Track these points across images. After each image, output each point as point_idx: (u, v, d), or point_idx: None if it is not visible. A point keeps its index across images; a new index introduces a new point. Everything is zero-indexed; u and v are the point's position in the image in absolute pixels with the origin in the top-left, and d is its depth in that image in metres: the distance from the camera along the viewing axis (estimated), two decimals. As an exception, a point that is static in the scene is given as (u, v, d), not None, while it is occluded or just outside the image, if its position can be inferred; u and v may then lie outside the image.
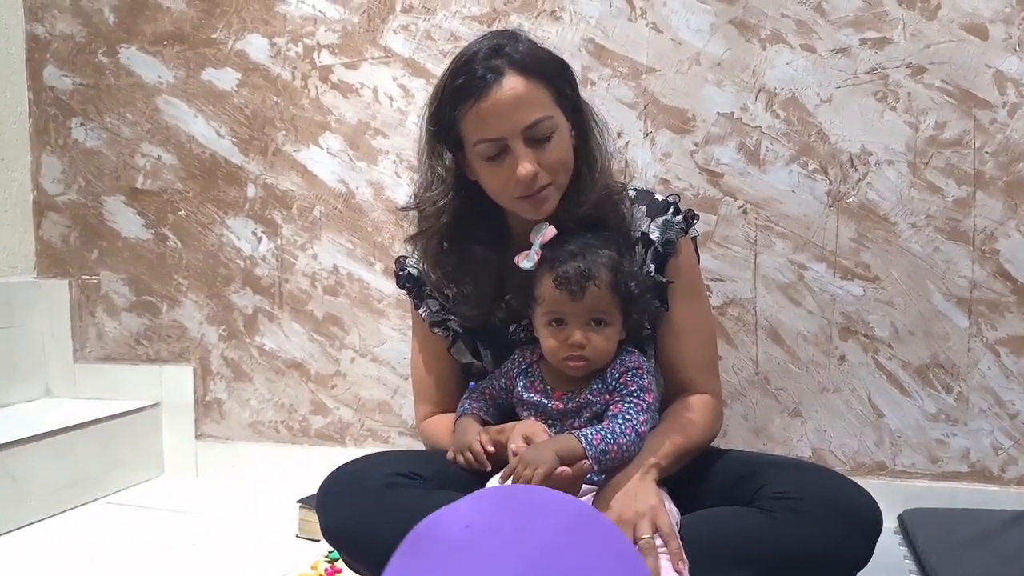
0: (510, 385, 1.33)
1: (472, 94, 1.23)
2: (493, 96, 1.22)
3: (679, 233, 1.36)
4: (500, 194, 1.30)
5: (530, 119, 1.23)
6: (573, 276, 1.21)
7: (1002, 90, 1.78)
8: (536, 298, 1.26)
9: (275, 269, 2.23)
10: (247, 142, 2.22)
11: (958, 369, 1.84)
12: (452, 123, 1.27)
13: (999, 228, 1.80)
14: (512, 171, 1.24)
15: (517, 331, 1.40)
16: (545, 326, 1.26)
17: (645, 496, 1.18)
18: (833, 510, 1.17)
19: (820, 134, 1.86)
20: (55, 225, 2.41)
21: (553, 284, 1.23)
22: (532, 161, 1.24)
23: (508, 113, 1.23)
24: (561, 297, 1.22)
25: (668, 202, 1.38)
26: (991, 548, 1.57)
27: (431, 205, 1.32)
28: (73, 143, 2.37)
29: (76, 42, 2.35)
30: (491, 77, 1.22)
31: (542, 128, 1.24)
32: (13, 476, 1.92)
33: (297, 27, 2.16)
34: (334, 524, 1.26)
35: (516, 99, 1.23)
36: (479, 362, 1.45)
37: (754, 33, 1.88)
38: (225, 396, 2.30)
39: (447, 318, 1.43)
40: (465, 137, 1.27)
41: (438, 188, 1.31)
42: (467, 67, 1.25)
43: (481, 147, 1.25)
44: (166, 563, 1.71)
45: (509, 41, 1.27)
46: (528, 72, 1.24)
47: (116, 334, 2.38)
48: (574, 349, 1.23)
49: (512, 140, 1.23)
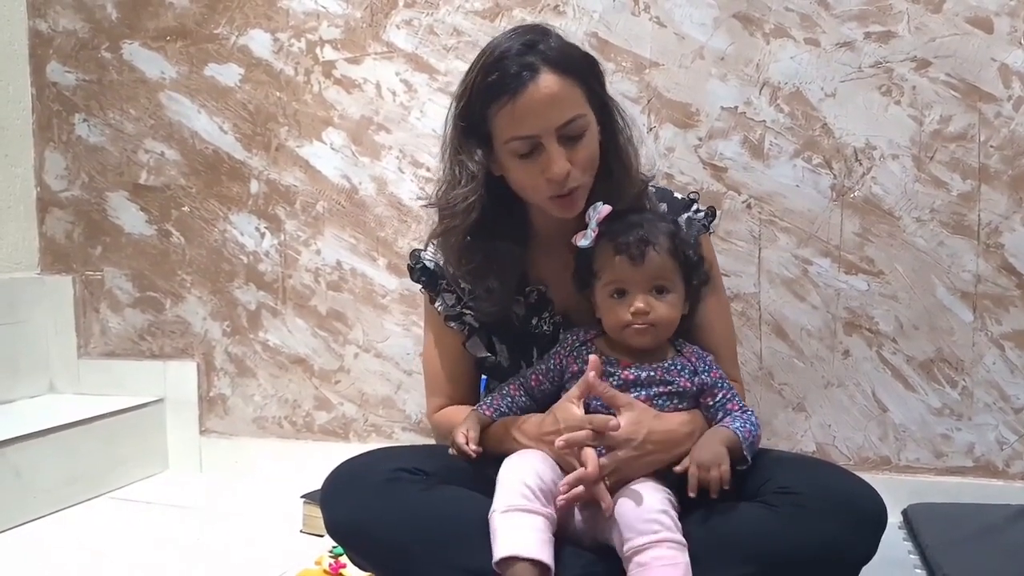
0: (561, 366, 1.31)
1: (506, 91, 1.21)
2: (528, 94, 1.21)
3: (701, 229, 1.38)
4: (531, 192, 1.30)
5: (565, 117, 1.23)
6: (633, 241, 1.22)
7: (1007, 84, 1.77)
8: (596, 273, 1.26)
9: (278, 265, 2.23)
10: (250, 138, 2.22)
11: (963, 363, 1.83)
12: (482, 119, 1.26)
13: (1004, 222, 1.80)
14: (543, 169, 1.24)
15: (539, 324, 1.39)
16: (607, 298, 1.26)
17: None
18: (838, 505, 1.17)
19: (824, 128, 1.86)
20: (59, 221, 2.41)
21: (613, 251, 1.23)
22: (565, 160, 1.23)
23: (543, 111, 1.22)
24: (622, 264, 1.23)
25: (689, 199, 1.41)
26: (996, 543, 1.57)
27: (462, 201, 1.29)
28: (76, 139, 2.37)
29: (79, 38, 2.35)
30: (527, 75, 1.21)
31: (576, 127, 1.24)
32: (17, 472, 1.92)
33: (300, 22, 2.16)
34: (338, 520, 1.26)
35: (551, 98, 1.22)
36: (493, 356, 1.44)
37: (758, 27, 1.87)
38: (229, 392, 2.30)
39: (463, 312, 1.42)
40: (496, 134, 1.26)
41: (468, 185, 1.29)
42: (500, 64, 1.23)
43: (514, 144, 1.24)
44: (170, 558, 1.71)
45: (542, 38, 1.26)
46: (562, 70, 1.23)
47: (120, 330, 2.38)
48: (638, 316, 1.23)
49: (546, 138, 1.23)
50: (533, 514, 1.14)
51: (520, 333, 1.40)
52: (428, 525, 1.19)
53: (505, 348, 1.42)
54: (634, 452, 1.18)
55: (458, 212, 1.30)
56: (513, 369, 1.41)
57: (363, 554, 1.27)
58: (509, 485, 1.17)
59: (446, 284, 1.42)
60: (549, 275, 1.40)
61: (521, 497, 1.14)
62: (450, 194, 1.31)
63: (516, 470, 1.19)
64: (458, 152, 1.30)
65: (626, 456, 1.18)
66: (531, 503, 1.14)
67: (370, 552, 1.25)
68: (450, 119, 1.31)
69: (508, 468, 1.20)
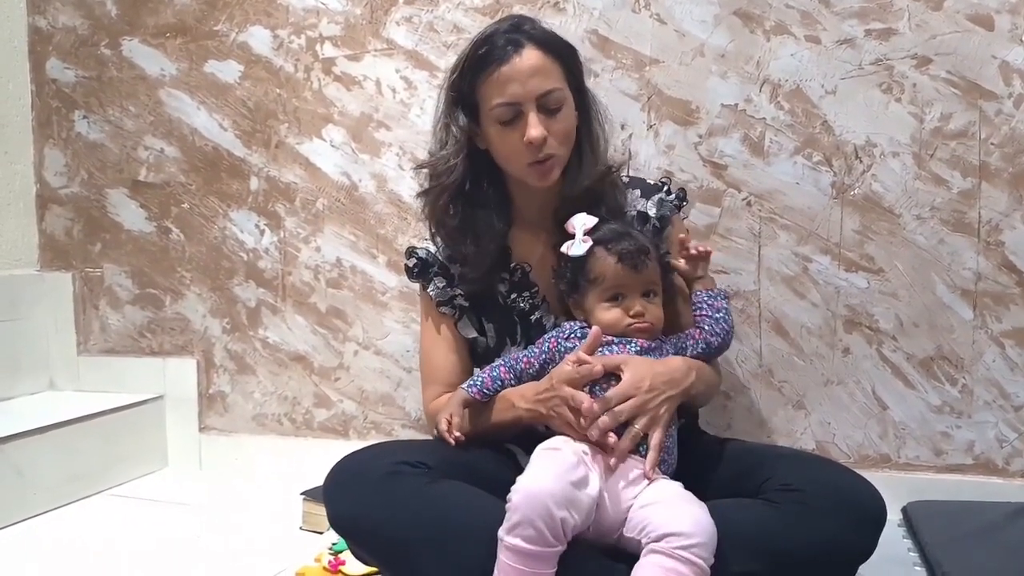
0: (555, 349, 1.38)
1: (493, 61, 1.37)
2: (513, 63, 1.36)
3: (673, 210, 1.55)
4: (510, 159, 1.42)
5: (544, 87, 1.37)
6: (634, 251, 1.35)
7: (1008, 81, 1.77)
8: (592, 279, 1.36)
9: (278, 262, 2.23)
10: (250, 135, 2.22)
11: (963, 361, 1.83)
12: (471, 90, 1.41)
13: (1004, 220, 1.79)
14: (522, 135, 1.36)
15: (518, 300, 1.49)
16: (600, 302, 1.36)
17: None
18: (838, 503, 1.17)
19: (824, 126, 1.86)
20: (58, 218, 2.41)
21: (615, 260, 1.34)
22: (542, 127, 1.36)
23: (526, 80, 1.36)
24: (623, 272, 1.34)
25: (661, 182, 1.56)
26: (995, 540, 1.57)
27: (444, 163, 1.45)
28: (76, 136, 2.37)
29: (78, 34, 2.35)
30: (511, 48, 1.37)
31: (554, 98, 1.38)
32: (17, 469, 1.92)
33: (300, 19, 2.16)
34: (340, 513, 1.27)
35: (533, 68, 1.36)
36: (483, 337, 1.52)
37: (758, 24, 1.87)
38: (229, 389, 2.30)
39: (454, 295, 1.52)
40: (482, 102, 1.40)
41: (452, 148, 1.44)
42: (489, 39, 1.39)
43: (497, 111, 1.38)
44: (170, 555, 1.71)
45: (528, 21, 1.43)
46: (545, 47, 1.39)
47: (120, 327, 2.38)
48: (638, 317, 1.34)
49: (526, 106, 1.36)
50: (537, 558, 1.12)
51: (504, 310, 1.50)
52: (429, 519, 1.20)
53: (493, 327, 1.51)
54: (647, 395, 1.24)
55: (441, 172, 1.45)
56: (499, 349, 1.49)
57: (365, 547, 1.28)
58: (526, 510, 1.12)
59: (437, 268, 1.53)
60: (532, 256, 1.51)
61: (533, 532, 1.11)
62: (436, 155, 1.47)
63: (540, 495, 1.13)
64: (446, 118, 1.46)
65: (641, 401, 1.23)
66: (539, 546, 1.11)
67: (372, 545, 1.26)
68: (442, 92, 1.48)
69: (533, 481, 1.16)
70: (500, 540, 1.13)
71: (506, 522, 1.13)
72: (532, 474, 1.17)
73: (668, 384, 1.27)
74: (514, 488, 1.14)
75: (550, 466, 1.17)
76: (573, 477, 1.15)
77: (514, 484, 1.15)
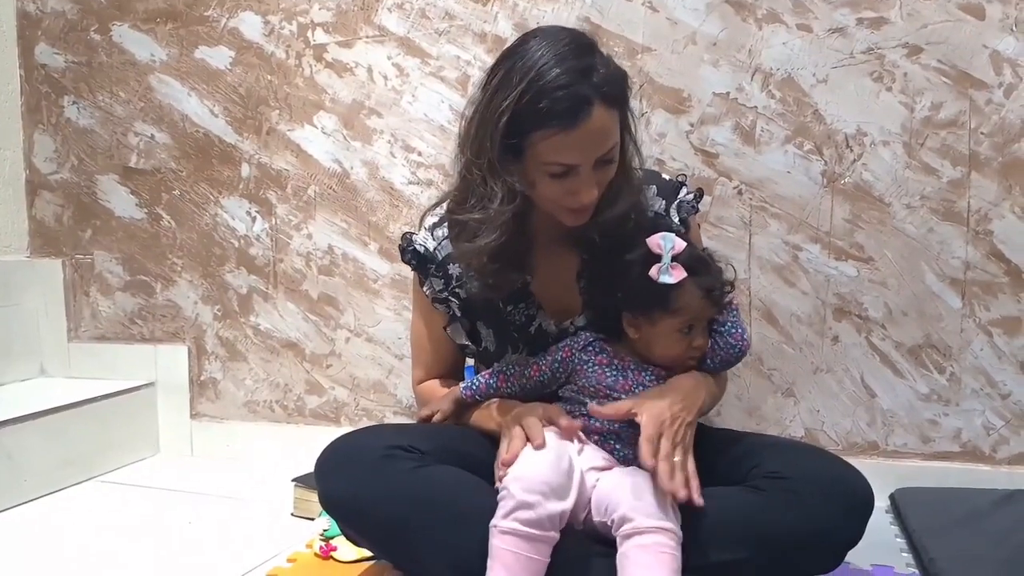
0: (569, 359, 1.34)
1: (559, 123, 1.18)
2: (581, 129, 1.19)
3: (692, 211, 1.44)
4: (549, 203, 1.29)
5: (606, 148, 1.23)
6: (720, 287, 1.29)
7: (998, 70, 1.78)
8: (674, 310, 1.26)
9: (269, 249, 2.23)
10: (241, 121, 2.21)
11: (951, 350, 1.84)
12: (520, 137, 1.22)
13: (993, 209, 1.80)
14: (573, 192, 1.24)
15: (513, 312, 1.42)
16: (673, 332, 1.28)
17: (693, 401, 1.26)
18: (825, 490, 1.18)
19: (816, 115, 1.86)
20: (48, 204, 2.40)
21: (701, 295, 1.27)
22: (595, 186, 1.25)
23: (591, 146, 1.22)
24: (705, 307, 1.28)
25: (678, 182, 1.44)
26: (982, 527, 1.59)
27: (499, 217, 1.27)
28: (65, 122, 2.36)
29: (68, 19, 2.33)
30: (581, 112, 1.18)
31: (612, 154, 1.26)
32: (8, 455, 1.92)
33: (291, 5, 2.15)
34: (332, 494, 1.27)
35: (602, 132, 1.22)
36: (474, 345, 1.47)
37: (750, 13, 1.87)
38: (220, 376, 2.30)
39: (449, 299, 1.45)
40: (534, 154, 1.23)
41: (502, 206, 1.26)
42: (553, 94, 1.18)
43: (553, 168, 1.23)
44: (161, 542, 1.71)
45: (593, 62, 1.23)
46: (611, 102, 1.23)
47: (110, 313, 2.37)
48: (698, 352, 1.30)
49: (584, 166, 1.23)
50: (534, 542, 1.12)
51: (501, 320, 1.43)
52: (422, 502, 1.20)
53: (491, 333, 1.45)
54: (672, 428, 1.19)
55: (496, 227, 1.28)
56: (499, 355, 1.44)
57: (357, 529, 1.29)
58: (523, 495, 1.14)
59: (435, 269, 1.44)
60: (538, 265, 1.41)
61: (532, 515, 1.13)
62: (492, 209, 1.27)
63: (534, 480, 1.15)
64: (497, 168, 1.25)
65: (671, 436, 1.19)
66: (537, 529, 1.12)
67: (364, 527, 1.26)
68: (488, 133, 1.24)
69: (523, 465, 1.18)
70: (495, 528, 1.13)
71: (500, 510, 1.13)
72: (525, 462, 1.18)
73: (685, 410, 1.23)
74: (508, 477, 1.15)
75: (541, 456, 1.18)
76: (563, 466, 1.17)
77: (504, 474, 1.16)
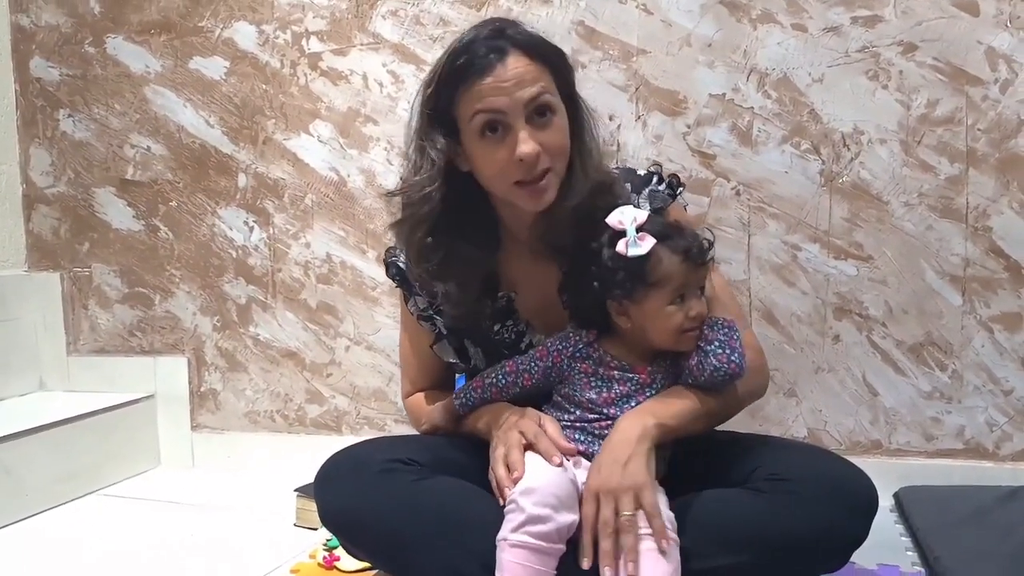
0: (560, 366, 1.27)
1: (474, 72, 1.18)
2: (496, 72, 1.18)
3: (666, 200, 1.35)
4: (497, 180, 1.24)
5: (532, 93, 1.19)
6: (698, 246, 1.21)
7: (994, 66, 1.77)
8: (655, 281, 1.20)
9: (268, 259, 2.22)
10: (237, 131, 2.21)
11: (952, 347, 1.84)
12: (449, 104, 1.22)
13: (992, 205, 1.80)
14: (511, 151, 1.19)
15: (502, 331, 1.38)
16: (666, 305, 1.21)
17: (635, 469, 1.14)
18: (829, 490, 1.17)
19: (812, 114, 1.86)
20: (45, 218, 2.40)
21: (680, 259, 1.20)
22: (534, 140, 1.19)
23: (511, 88, 1.18)
24: (688, 270, 1.20)
25: (650, 173, 1.37)
26: (987, 524, 1.58)
27: (419, 191, 1.25)
28: (61, 135, 2.36)
29: (62, 32, 2.33)
30: (494, 56, 1.18)
31: (543, 102, 1.20)
32: (8, 470, 1.91)
33: (285, 14, 2.15)
34: (331, 508, 1.26)
35: (519, 76, 1.18)
36: (462, 363, 1.43)
37: (744, 13, 1.87)
38: (220, 386, 2.29)
39: (434, 316, 1.41)
40: (462, 117, 1.21)
41: (427, 172, 1.24)
42: (468, 48, 1.20)
43: (479, 119, 1.19)
44: (164, 554, 1.71)
45: (511, 25, 1.24)
46: (532, 52, 1.21)
47: (109, 326, 2.37)
48: (696, 320, 1.21)
49: (513, 116, 1.18)
50: (544, 555, 1.11)
51: (489, 340, 1.39)
52: (422, 514, 1.19)
53: (480, 351, 1.41)
54: (610, 500, 1.13)
55: (416, 201, 1.26)
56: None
57: (357, 543, 1.28)
58: (532, 509, 1.12)
59: (418, 287, 1.39)
60: (519, 281, 1.37)
61: (542, 527, 1.11)
62: (410, 181, 1.26)
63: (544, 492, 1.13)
64: (421, 139, 1.25)
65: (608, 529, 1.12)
66: (546, 541, 1.11)
67: (364, 541, 1.25)
68: (416, 107, 1.26)
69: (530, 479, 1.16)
70: (504, 541, 1.11)
71: (509, 523, 1.12)
72: (532, 476, 1.17)
73: (625, 488, 1.13)
74: (516, 491, 1.14)
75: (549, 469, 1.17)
76: (569, 477, 1.16)
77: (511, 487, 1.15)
